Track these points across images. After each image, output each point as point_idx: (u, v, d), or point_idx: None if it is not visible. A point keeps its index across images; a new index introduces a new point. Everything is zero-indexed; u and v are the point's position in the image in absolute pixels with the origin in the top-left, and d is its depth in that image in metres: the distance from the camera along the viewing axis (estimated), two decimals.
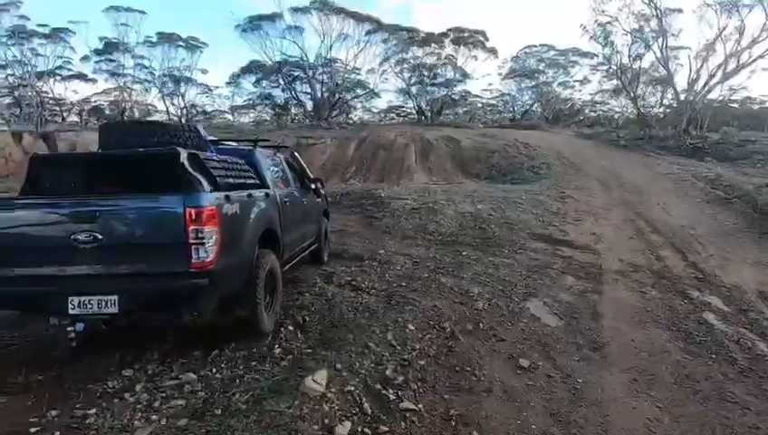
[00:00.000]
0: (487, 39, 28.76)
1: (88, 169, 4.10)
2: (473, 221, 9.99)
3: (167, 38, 30.70)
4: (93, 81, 32.21)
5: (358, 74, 29.27)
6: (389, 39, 26.26)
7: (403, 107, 36.75)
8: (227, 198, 3.63)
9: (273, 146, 7.04)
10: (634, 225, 9.94)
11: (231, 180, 4.13)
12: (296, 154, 7.37)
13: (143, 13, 29.51)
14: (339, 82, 25.10)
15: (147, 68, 31.67)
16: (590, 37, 21.68)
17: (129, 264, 3.35)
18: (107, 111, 33.19)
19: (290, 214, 5.32)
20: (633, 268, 7.24)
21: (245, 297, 3.88)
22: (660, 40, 20.93)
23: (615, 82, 36.76)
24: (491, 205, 11.26)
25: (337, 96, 24.83)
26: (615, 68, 22.34)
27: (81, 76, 31.91)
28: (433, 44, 28.02)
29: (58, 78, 31.09)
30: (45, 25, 28.32)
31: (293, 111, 30.87)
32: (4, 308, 3.96)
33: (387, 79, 31.45)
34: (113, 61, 30.05)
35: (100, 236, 3.21)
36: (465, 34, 28.47)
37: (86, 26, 29.15)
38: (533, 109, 38.50)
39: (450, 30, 28.74)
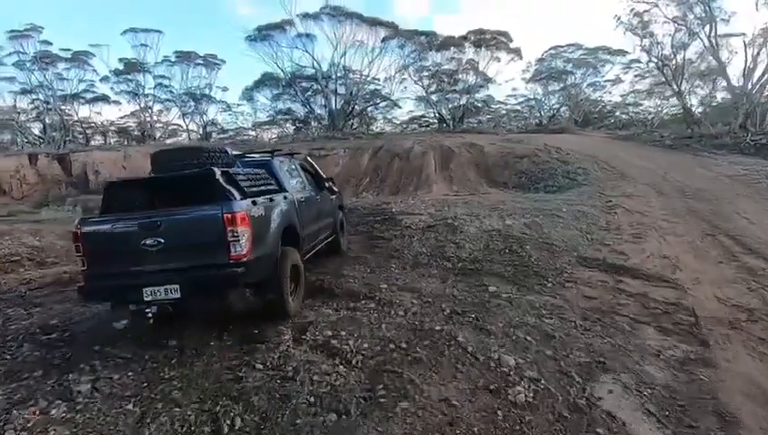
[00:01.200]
0: (510, 40, 26.39)
1: (147, 190, 4.84)
2: (502, 241, 7.69)
3: (185, 57, 29.77)
4: (117, 102, 31.66)
5: (376, 84, 27.45)
6: (406, 45, 24.25)
7: (425, 116, 34.61)
8: (254, 202, 4.43)
9: (287, 153, 7.61)
10: (717, 242, 7.38)
11: (255, 189, 4.77)
12: (309, 159, 8.08)
13: (160, 32, 28.74)
14: (354, 91, 23.22)
15: (166, 87, 30.83)
16: (626, 29, 19.04)
17: (185, 259, 4.14)
18: (135, 132, 32.57)
19: (306, 212, 5.97)
20: (745, 313, 4.78)
21: (274, 284, 4.57)
22: (708, 27, 18.09)
23: (650, 80, 34.28)
24: (523, 219, 8.93)
25: (352, 105, 22.94)
26: (656, 61, 19.51)
27: (105, 98, 31.35)
28: (452, 48, 25.84)
29: (82, 101, 30.58)
30: (68, 50, 27.89)
31: (313, 124, 29.22)
32: (99, 300, 4.87)
33: (405, 88, 29.52)
34: (132, 81, 29.27)
35: (162, 241, 4.06)
36: (487, 36, 26.18)
37: (107, 49, 28.60)
38: (561, 112, 35.71)
39: (471, 32, 26.56)
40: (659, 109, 36.77)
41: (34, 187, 20.95)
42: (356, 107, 24.21)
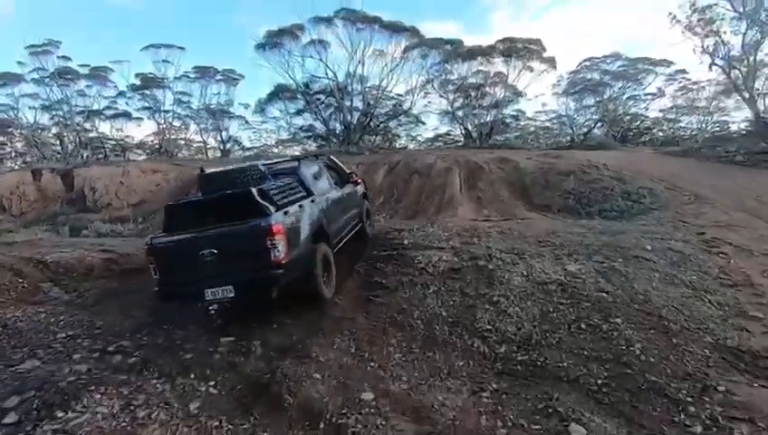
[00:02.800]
0: (544, 49, 23.26)
1: (199, 209, 5.32)
2: (569, 305, 4.62)
3: (203, 72, 28.00)
4: (139, 119, 30.14)
5: (400, 99, 24.71)
6: (429, 54, 21.49)
7: (450, 134, 31.63)
8: (286, 213, 5.04)
9: (313, 154, 9.23)
10: None
11: (286, 199, 5.32)
12: (332, 157, 8.29)
13: (182, 48, 27.11)
14: (371, 102, 20.53)
15: (185, 102, 29.11)
16: (685, 27, 15.69)
17: (235, 265, 4.75)
18: (158, 148, 30.95)
19: (332, 209, 6.46)
20: None
21: (310, 277, 5.26)
22: None
23: (698, 93, 30.42)
24: (594, 263, 5.80)
25: (369, 117, 20.23)
26: (721, 65, 16.00)
27: (126, 114, 29.88)
28: (480, 58, 22.91)
29: (103, 117, 29.19)
30: (86, 65, 26.54)
31: (333, 139, 26.73)
32: (169, 301, 5.45)
33: (429, 102, 26.69)
34: (151, 97, 27.65)
35: (215, 251, 4.73)
36: (518, 45, 23.14)
37: (127, 65, 27.15)
38: (596, 129, 32.04)
39: (500, 41, 23.57)
40: (703, 125, 32.86)
41: (33, 204, 19.05)
42: (373, 121, 21.45)
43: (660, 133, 34.00)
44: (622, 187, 11.54)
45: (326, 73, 19.32)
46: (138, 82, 26.61)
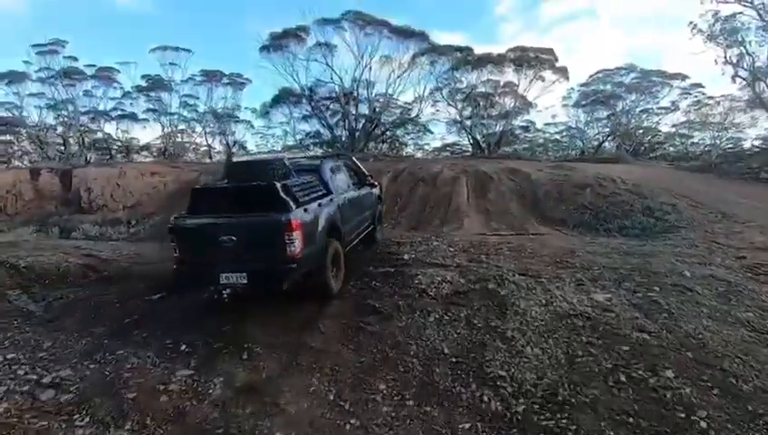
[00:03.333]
0: (556, 58, 22.42)
1: (223, 196, 5.31)
2: (604, 350, 3.66)
3: (210, 76, 27.50)
4: (145, 121, 29.64)
5: (404, 105, 23.96)
6: (438, 61, 20.72)
7: (458, 144, 30.76)
8: (305, 210, 5.05)
9: (335, 154, 8.73)
10: None
11: (307, 197, 5.34)
12: (353, 158, 8.38)
13: (189, 51, 26.63)
14: (378, 108, 19.72)
15: (191, 106, 28.60)
16: (707, 36, 14.75)
17: (252, 254, 4.75)
18: (164, 151, 30.42)
19: (348, 209, 6.45)
20: None
21: (320, 271, 5.25)
22: None
23: (717, 106, 29.33)
24: (626, 292, 4.85)
25: (375, 123, 19.40)
26: (746, 74, 14.99)
27: (132, 116, 29.39)
28: (490, 65, 22.10)
29: (108, 118, 28.72)
30: (92, 65, 26.15)
31: (338, 146, 25.97)
32: (189, 282, 5.41)
33: (438, 111, 25.88)
34: (156, 99, 27.17)
35: (234, 238, 4.71)
36: (530, 54, 22.33)
37: (134, 66, 26.71)
38: (607, 143, 30.98)
39: (510, 50, 22.79)
40: (717, 141, 31.74)
41: (29, 204, 18.40)
42: (378, 128, 20.64)
43: (672, 149, 32.95)
44: (643, 202, 10.57)
45: (332, 78, 18.65)
46: (144, 84, 26.11)
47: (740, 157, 18.24)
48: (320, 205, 5.44)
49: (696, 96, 28.01)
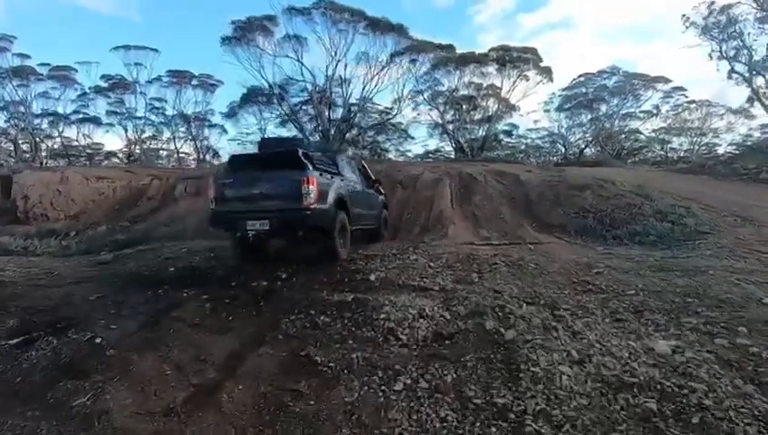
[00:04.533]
0: (540, 59, 21.08)
1: (256, 161, 6.23)
2: None
3: (178, 76, 25.34)
4: (110, 125, 27.19)
5: (387, 110, 22.27)
6: (419, 59, 19.10)
7: (440, 151, 29.17)
8: (320, 173, 5.85)
9: (351, 155, 10.38)
10: None
11: (323, 167, 6.13)
12: (364, 163, 9.19)
13: (155, 51, 24.42)
14: (354, 110, 17.90)
15: (158, 109, 26.34)
16: (702, 29, 13.49)
17: (275, 204, 5.56)
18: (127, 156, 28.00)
19: (355, 196, 7.01)
20: None
21: (328, 234, 5.91)
22: None
23: (695, 111, 28.62)
24: (697, 335, 3.10)
25: (351, 122, 17.54)
26: (741, 72, 13.74)
27: (94, 120, 26.94)
28: (473, 65, 20.63)
29: (68, 122, 26.23)
30: (47, 64, 23.75)
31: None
32: (221, 228, 6.24)
33: (419, 114, 24.27)
34: (117, 101, 24.87)
35: (260, 192, 5.62)
36: (513, 54, 20.94)
37: (96, 66, 24.36)
38: (589, 148, 29.86)
39: (493, 49, 21.38)
40: (695, 146, 31.12)
41: None
42: (354, 129, 18.85)
43: (650, 154, 32.18)
44: (652, 205, 8.98)
45: (302, 74, 16.72)
46: (103, 84, 23.79)
47: (733, 158, 17.03)
48: (331, 177, 6.27)
49: (678, 99, 27.11)
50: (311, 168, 5.67)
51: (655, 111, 27.75)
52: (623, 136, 29.03)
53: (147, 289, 6.03)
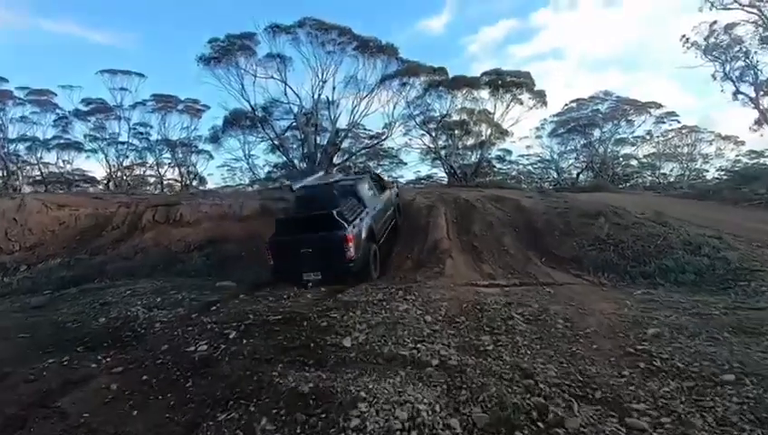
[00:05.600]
0: (533, 83, 20.28)
1: (298, 222, 7.01)
2: None
3: (164, 101, 24.20)
4: (93, 151, 25.75)
5: (378, 134, 21.22)
6: (410, 82, 18.12)
7: (432, 177, 28.06)
8: (354, 226, 6.75)
9: (362, 171, 11.27)
10: None
11: (353, 215, 6.99)
12: (375, 171, 11.04)
13: (141, 76, 23.32)
14: (342, 135, 16.64)
15: (141, 134, 25.05)
16: (703, 50, 12.65)
17: (323, 259, 6.50)
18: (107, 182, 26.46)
19: (378, 215, 7.99)
20: None
21: (365, 266, 6.92)
22: None
23: (686, 137, 28.08)
24: None
25: (339, 145, 16.26)
26: (746, 94, 12.82)
27: (76, 146, 25.52)
28: (465, 88, 19.73)
29: (48, 147, 24.78)
30: (25, 88, 22.52)
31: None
32: (284, 280, 6.75)
33: (411, 139, 23.23)
34: (98, 125, 23.56)
35: (311, 250, 6.49)
36: (507, 78, 20.13)
37: (78, 90, 23.13)
38: (582, 174, 28.97)
39: (485, 73, 20.58)
40: (685, 172, 30.52)
41: None
42: (342, 153, 17.59)
43: (641, 179, 31.48)
44: (677, 235, 7.66)
45: (286, 94, 15.43)
46: (83, 108, 22.52)
47: (738, 182, 16.00)
48: (361, 219, 7.13)
49: (670, 124, 26.50)
50: (346, 225, 6.63)
51: (648, 137, 27.05)
52: (618, 161, 28.25)
53: (54, 353, 4.51)
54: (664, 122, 26.79)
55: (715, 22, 12.53)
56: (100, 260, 10.56)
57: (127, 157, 25.41)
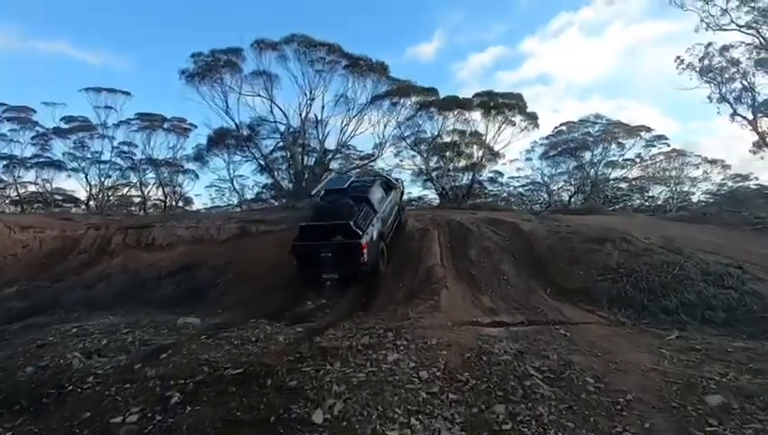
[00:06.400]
0: (525, 104, 19.94)
1: (318, 229, 7.67)
2: None
3: (149, 120, 23.36)
4: (74, 170, 24.63)
5: (368, 155, 20.59)
6: (401, 102, 17.59)
7: (423, 199, 27.41)
8: (367, 234, 7.47)
9: (372, 175, 11.10)
10: None
11: (366, 222, 7.71)
12: (382, 174, 11.26)
13: (127, 94, 22.50)
14: (328, 151, 15.86)
15: (125, 153, 24.09)
16: (699, 72, 12.30)
17: (340, 261, 7.26)
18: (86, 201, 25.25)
19: (386, 217, 8.79)
20: None
21: (376, 265, 7.71)
22: None
23: (674, 160, 27.99)
24: None
25: (325, 169, 15.43)
26: (743, 116, 12.42)
27: (57, 164, 24.39)
28: (457, 111, 19.28)
29: (27, 166, 23.62)
30: (3, 105, 21.56)
31: (282, 196, 21.75)
32: (305, 275, 7.73)
33: (402, 160, 22.65)
34: (79, 144, 22.57)
35: (330, 254, 7.28)
36: (499, 100, 19.77)
37: (62, 108, 22.21)
38: (575, 196, 28.58)
39: (477, 95, 20.22)
40: (673, 195, 30.35)
41: None
42: (331, 173, 16.75)
43: (629, 202, 31.23)
44: (694, 264, 6.88)
45: (273, 114, 14.68)
46: (64, 126, 21.56)
47: (735, 205, 15.52)
48: (372, 225, 7.84)
49: (660, 147, 26.38)
50: (361, 234, 7.30)
51: (638, 160, 26.86)
52: (610, 183, 27.93)
53: None
54: (654, 145, 26.67)
55: (710, 43, 12.25)
56: (60, 288, 9.45)
57: (109, 176, 24.40)
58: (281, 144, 16.10)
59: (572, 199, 27.07)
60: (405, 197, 11.70)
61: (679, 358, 3.61)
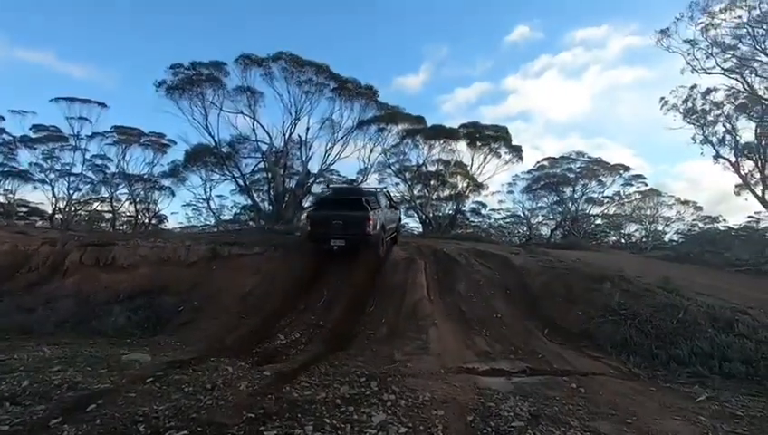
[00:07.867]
0: (510, 137, 19.97)
1: (334, 202, 9.29)
2: None
3: (126, 133, 22.33)
4: (43, 181, 23.14)
5: (352, 181, 20.04)
6: (387, 127, 17.25)
7: (405, 226, 26.93)
8: (374, 211, 8.73)
9: (379, 188, 11.48)
10: None
11: (374, 206, 8.93)
12: (387, 191, 11.93)
13: (103, 105, 21.52)
14: (312, 174, 15.17)
15: (98, 166, 22.89)
16: (684, 114, 12.40)
17: (349, 230, 8.43)
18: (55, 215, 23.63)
19: (386, 218, 9.77)
20: None
21: (375, 246, 8.77)
22: None
23: (650, 199, 28.51)
24: None
25: (307, 191, 14.74)
26: (726, 159, 12.48)
27: (23, 175, 22.89)
28: (443, 141, 19.10)
29: None
30: None
31: (261, 219, 20.86)
32: (314, 242, 8.92)
33: (386, 187, 22.23)
34: (48, 155, 21.30)
35: (341, 222, 8.45)
36: (485, 132, 19.74)
37: (32, 117, 21.01)
38: (557, 228, 28.63)
39: (463, 126, 20.16)
40: (648, 233, 30.80)
41: None
42: (312, 195, 16.06)
43: (605, 239, 31.52)
44: (698, 307, 6.41)
45: (255, 132, 14.05)
46: (32, 135, 20.31)
47: (711, 245, 15.52)
48: (377, 212, 8.94)
49: (638, 186, 26.86)
50: (369, 209, 8.52)
51: (616, 198, 27.22)
52: (590, 219, 28.11)
53: None
54: (632, 184, 27.19)
55: (695, 86, 12.47)
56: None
57: (79, 190, 23.02)
58: (262, 164, 15.35)
59: (553, 233, 27.06)
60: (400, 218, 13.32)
61: (723, 428, 2.97)
